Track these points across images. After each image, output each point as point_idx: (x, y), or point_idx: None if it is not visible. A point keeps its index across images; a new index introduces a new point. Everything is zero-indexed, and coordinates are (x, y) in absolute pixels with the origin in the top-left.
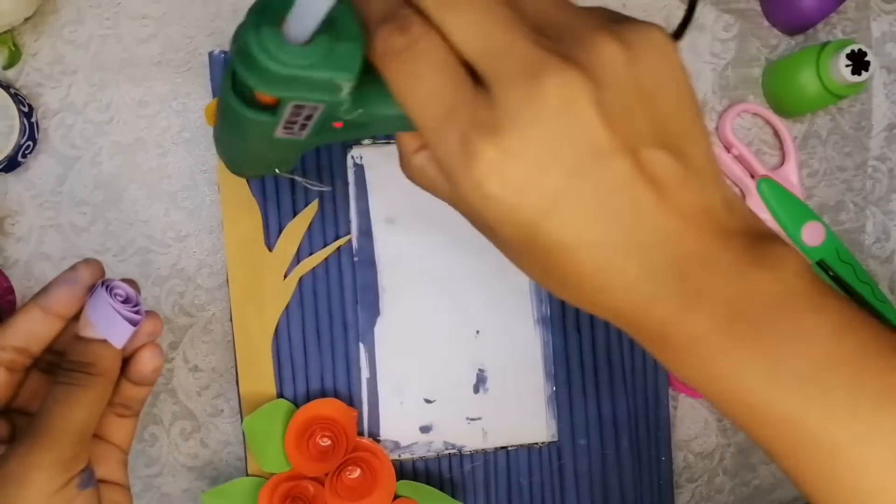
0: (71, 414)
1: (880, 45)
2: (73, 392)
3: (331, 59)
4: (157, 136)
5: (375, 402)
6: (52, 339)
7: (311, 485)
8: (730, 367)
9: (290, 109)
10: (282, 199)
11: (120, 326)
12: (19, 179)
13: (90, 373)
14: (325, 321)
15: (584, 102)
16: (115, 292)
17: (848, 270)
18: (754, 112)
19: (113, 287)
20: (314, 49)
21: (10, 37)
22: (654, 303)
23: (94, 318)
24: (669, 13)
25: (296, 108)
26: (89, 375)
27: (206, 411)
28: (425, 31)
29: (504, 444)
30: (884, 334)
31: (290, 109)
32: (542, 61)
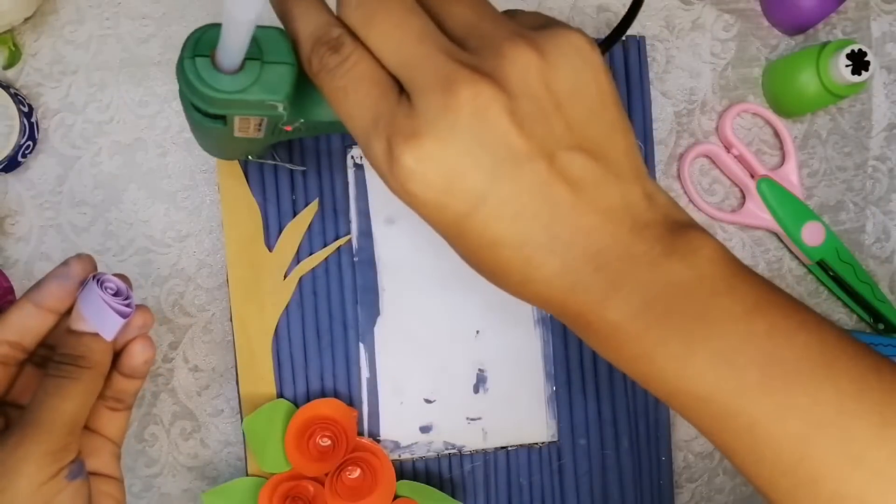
0: (61, 406)
1: (880, 45)
2: (64, 385)
3: (261, 83)
4: (157, 136)
5: (375, 402)
6: (45, 333)
7: (311, 485)
8: (647, 349)
9: (238, 121)
10: (282, 199)
11: (110, 319)
12: (19, 179)
13: (81, 365)
14: (325, 321)
15: (496, 111)
16: (106, 286)
17: (848, 270)
18: (754, 112)
19: (104, 280)
20: (244, 76)
21: (10, 37)
22: (574, 293)
23: (85, 311)
24: (669, 13)
25: (242, 120)
26: (80, 368)
27: (206, 411)
28: (354, 48)
29: (504, 444)
30: (795, 312)
31: (238, 121)
32: (454, 73)
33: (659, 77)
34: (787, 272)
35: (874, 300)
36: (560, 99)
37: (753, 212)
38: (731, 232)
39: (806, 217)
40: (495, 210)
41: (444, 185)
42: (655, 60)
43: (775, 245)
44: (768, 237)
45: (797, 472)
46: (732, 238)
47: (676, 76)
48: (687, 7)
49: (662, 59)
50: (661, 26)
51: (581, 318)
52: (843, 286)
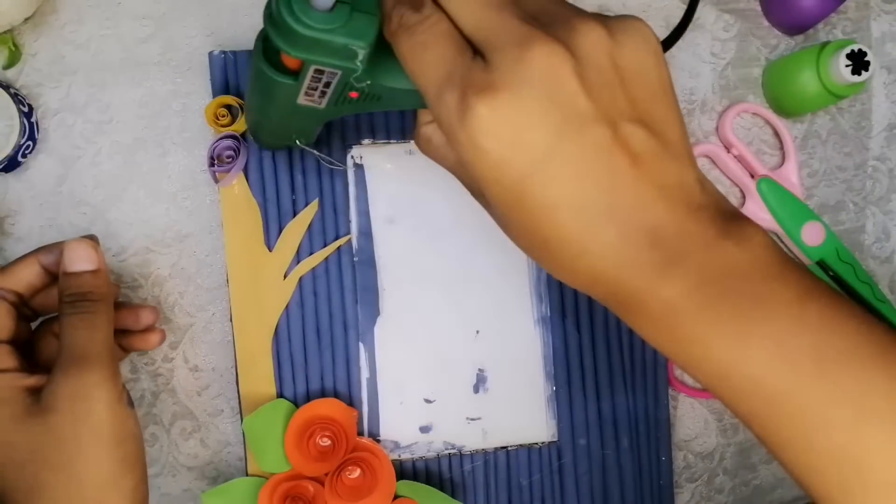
0: (96, 336)
1: (880, 45)
2: (88, 318)
3: (349, 26)
4: (157, 136)
5: (375, 402)
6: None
7: (311, 485)
8: (700, 330)
9: (311, 74)
10: (282, 199)
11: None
12: (19, 179)
13: (92, 299)
14: (325, 321)
15: (567, 72)
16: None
17: (848, 270)
18: (754, 112)
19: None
20: (335, 16)
21: (10, 37)
22: (630, 268)
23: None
24: (669, 13)
25: (316, 73)
26: (93, 301)
27: (206, 411)
28: (434, 10)
29: (504, 443)
30: (843, 302)
31: (311, 74)
32: (530, 34)
33: None
34: None
35: (874, 300)
36: (625, 76)
37: (753, 212)
38: None
39: (806, 217)
40: (557, 170)
41: (512, 137)
42: None
43: None
44: None
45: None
46: None
47: (676, 76)
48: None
49: None
50: (660, 26)
51: (634, 296)
52: (843, 286)
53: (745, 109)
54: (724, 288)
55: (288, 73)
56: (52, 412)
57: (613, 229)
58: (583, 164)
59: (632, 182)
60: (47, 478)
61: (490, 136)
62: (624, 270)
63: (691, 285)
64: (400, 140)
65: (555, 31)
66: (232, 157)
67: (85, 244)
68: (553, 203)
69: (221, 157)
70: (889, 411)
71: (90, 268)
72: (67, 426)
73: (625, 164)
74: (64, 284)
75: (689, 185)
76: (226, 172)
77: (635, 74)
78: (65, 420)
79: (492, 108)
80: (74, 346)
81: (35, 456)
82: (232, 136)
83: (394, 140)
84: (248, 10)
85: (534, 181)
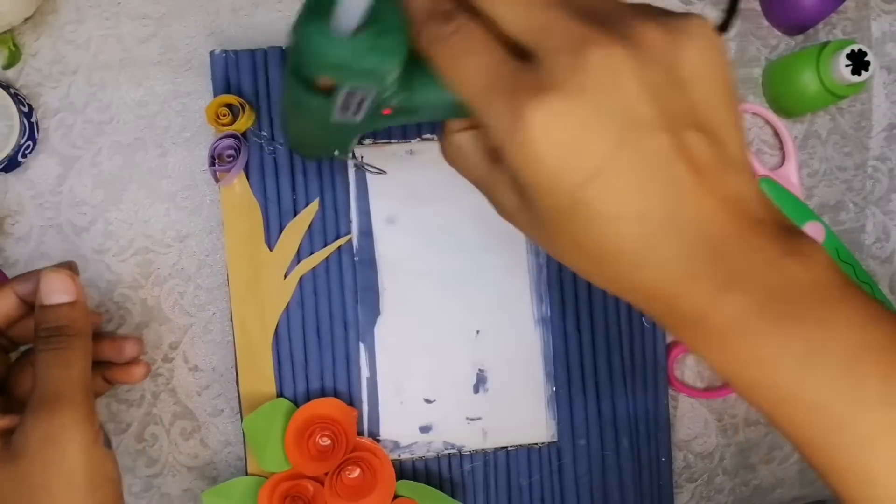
0: (70, 374)
1: (880, 45)
2: (62, 354)
3: (375, 49)
4: (157, 136)
5: (375, 402)
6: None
7: (310, 484)
8: (764, 350)
9: (344, 94)
10: (282, 199)
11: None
12: (19, 179)
13: (68, 334)
14: (325, 321)
15: (628, 76)
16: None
17: (848, 270)
18: (754, 112)
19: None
20: (360, 41)
21: (10, 37)
22: (691, 282)
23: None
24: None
25: (348, 94)
26: (69, 336)
27: (206, 411)
28: (469, 19)
29: (504, 444)
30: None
31: (344, 94)
32: (586, 35)
33: None
34: None
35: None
36: (687, 77)
37: None
38: None
39: (806, 217)
40: (616, 179)
41: (569, 144)
42: None
43: None
44: None
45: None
46: None
47: None
48: (687, 7)
49: None
50: None
51: (693, 312)
52: None
53: (745, 109)
54: (790, 308)
55: (320, 93)
56: (21, 457)
57: (674, 242)
58: (643, 173)
59: (693, 193)
60: None
61: (546, 142)
62: (685, 285)
63: (755, 302)
64: (400, 140)
65: (611, 30)
66: (233, 156)
67: (61, 275)
68: (612, 213)
69: (222, 156)
70: None
71: (67, 300)
72: (38, 472)
73: (685, 174)
74: (39, 318)
75: (750, 198)
76: (226, 172)
77: (698, 76)
78: (35, 465)
79: (548, 112)
80: (47, 385)
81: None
82: (232, 136)
83: (394, 140)
84: (248, 10)
85: (591, 190)
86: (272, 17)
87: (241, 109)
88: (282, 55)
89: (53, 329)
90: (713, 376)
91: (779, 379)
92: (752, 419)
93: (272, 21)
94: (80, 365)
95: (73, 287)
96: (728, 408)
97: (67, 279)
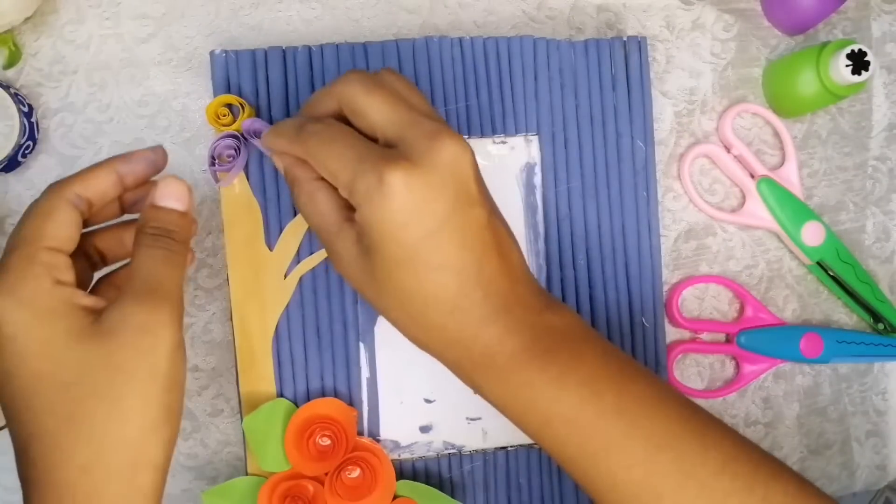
0: (173, 275)
1: (880, 45)
2: (170, 256)
3: None
4: (157, 136)
5: (375, 402)
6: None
7: (310, 484)
8: (532, 376)
9: None
10: (283, 199)
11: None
12: (19, 179)
13: (176, 239)
14: (325, 321)
15: (468, 162)
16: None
17: (848, 270)
18: (754, 112)
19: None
20: None
21: (10, 37)
22: (486, 325)
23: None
24: (669, 13)
25: None
26: (176, 242)
27: (206, 411)
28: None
29: (504, 444)
30: (635, 362)
31: None
32: (440, 129)
33: (659, 77)
34: (787, 272)
35: (874, 300)
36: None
37: (753, 212)
38: (731, 232)
39: (806, 217)
40: (448, 236)
41: (418, 204)
42: (656, 60)
43: (775, 245)
44: (768, 237)
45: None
46: (732, 238)
47: (676, 76)
48: (687, 7)
49: (662, 59)
50: (661, 26)
51: (486, 350)
52: (843, 286)
53: (745, 109)
54: (549, 344)
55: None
56: (113, 337)
57: (480, 292)
58: (467, 235)
59: (495, 257)
60: (92, 406)
61: (401, 200)
62: (482, 328)
63: (527, 342)
64: None
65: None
66: (233, 156)
67: (181, 185)
68: (440, 264)
69: (222, 156)
70: (671, 445)
71: (180, 208)
72: (127, 356)
73: (490, 242)
74: (150, 215)
75: (524, 267)
76: (226, 172)
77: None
78: (126, 350)
79: (406, 178)
80: (151, 277)
81: (83, 380)
82: (233, 136)
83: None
84: (248, 10)
85: (429, 243)
86: (272, 17)
87: (241, 109)
88: (282, 55)
89: (163, 230)
90: (713, 376)
91: (542, 397)
92: (752, 419)
93: (272, 21)
94: (181, 270)
95: (187, 199)
96: (728, 408)
97: (185, 190)
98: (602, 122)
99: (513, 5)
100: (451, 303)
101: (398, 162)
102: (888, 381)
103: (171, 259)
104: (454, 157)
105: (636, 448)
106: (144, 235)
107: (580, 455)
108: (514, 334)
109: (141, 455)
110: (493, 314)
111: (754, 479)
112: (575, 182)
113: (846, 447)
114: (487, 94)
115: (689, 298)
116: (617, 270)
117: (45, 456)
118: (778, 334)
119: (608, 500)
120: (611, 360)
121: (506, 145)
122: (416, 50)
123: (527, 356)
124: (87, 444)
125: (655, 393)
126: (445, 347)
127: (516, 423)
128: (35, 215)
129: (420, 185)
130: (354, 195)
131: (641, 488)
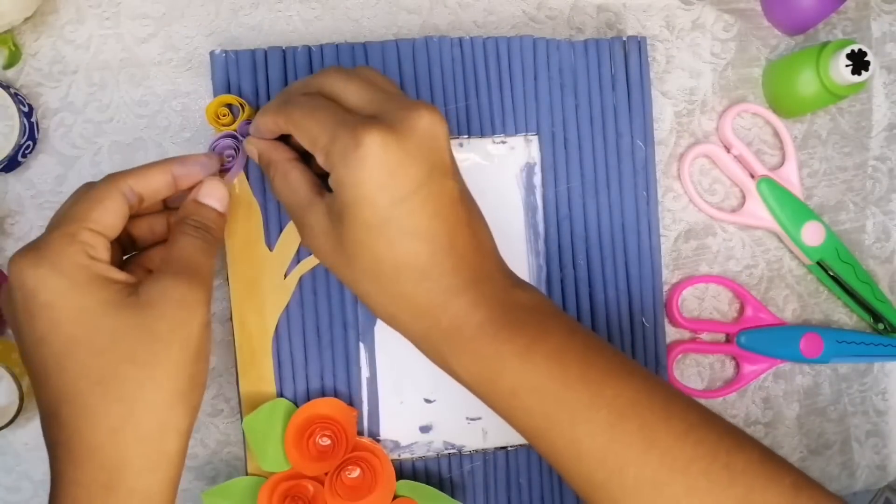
0: (208, 263)
1: (880, 45)
2: (207, 248)
3: None
4: (157, 136)
5: (375, 402)
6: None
7: (310, 484)
8: (499, 347)
9: None
10: None
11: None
12: (19, 179)
13: (213, 234)
14: (325, 321)
15: (442, 132)
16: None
17: (848, 270)
18: (754, 112)
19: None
20: None
21: (10, 37)
22: (455, 296)
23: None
24: (669, 13)
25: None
26: (212, 236)
27: (206, 411)
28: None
29: (504, 443)
30: (598, 338)
31: None
32: (418, 103)
33: (659, 77)
34: (787, 272)
35: (874, 300)
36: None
37: (753, 212)
38: (731, 232)
39: (806, 217)
40: (421, 203)
41: (395, 168)
42: (655, 60)
43: (775, 245)
44: (768, 237)
45: (607, 462)
46: (732, 238)
47: (676, 76)
48: (687, 7)
49: (662, 59)
50: (661, 26)
51: (453, 322)
52: (843, 286)
53: (745, 109)
54: (517, 317)
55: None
56: (150, 308)
57: (449, 261)
58: (440, 205)
59: (467, 231)
60: (125, 370)
61: (376, 162)
62: (451, 298)
63: (495, 315)
64: None
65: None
66: (232, 156)
67: (223, 187)
68: (412, 230)
69: (222, 156)
70: (635, 413)
71: (219, 208)
72: (164, 327)
73: (462, 213)
74: (193, 209)
75: (494, 246)
76: (226, 172)
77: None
78: (163, 320)
79: (382, 141)
80: (192, 260)
81: (118, 346)
82: (233, 136)
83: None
84: (248, 10)
85: (402, 208)
86: (272, 17)
87: (241, 109)
88: (282, 55)
89: (203, 224)
90: (713, 376)
91: (510, 369)
92: (752, 419)
93: (272, 21)
94: (213, 262)
95: (227, 201)
96: (728, 408)
97: (226, 193)
98: (602, 121)
99: (513, 5)
100: (422, 271)
101: (376, 125)
102: (888, 381)
103: (207, 250)
104: (430, 125)
105: (600, 416)
106: (187, 226)
107: (546, 425)
108: (483, 306)
109: (169, 420)
110: (462, 285)
111: (717, 447)
112: (575, 182)
113: (846, 447)
114: (487, 94)
115: (689, 298)
116: (617, 270)
117: (76, 418)
118: (778, 334)
119: (574, 471)
120: (577, 335)
121: (506, 145)
122: (416, 50)
123: (494, 328)
124: (118, 407)
125: (621, 365)
126: (413, 318)
127: (482, 396)
128: (86, 198)
129: (396, 148)
130: (331, 156)
131: (606, 455)
